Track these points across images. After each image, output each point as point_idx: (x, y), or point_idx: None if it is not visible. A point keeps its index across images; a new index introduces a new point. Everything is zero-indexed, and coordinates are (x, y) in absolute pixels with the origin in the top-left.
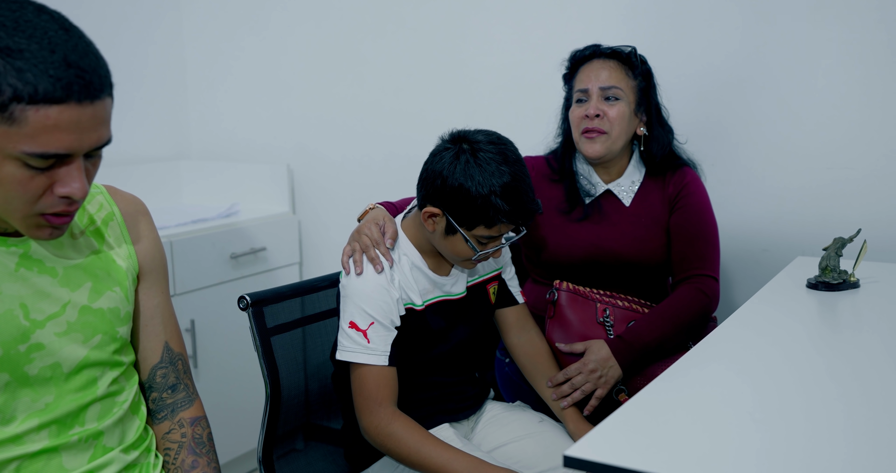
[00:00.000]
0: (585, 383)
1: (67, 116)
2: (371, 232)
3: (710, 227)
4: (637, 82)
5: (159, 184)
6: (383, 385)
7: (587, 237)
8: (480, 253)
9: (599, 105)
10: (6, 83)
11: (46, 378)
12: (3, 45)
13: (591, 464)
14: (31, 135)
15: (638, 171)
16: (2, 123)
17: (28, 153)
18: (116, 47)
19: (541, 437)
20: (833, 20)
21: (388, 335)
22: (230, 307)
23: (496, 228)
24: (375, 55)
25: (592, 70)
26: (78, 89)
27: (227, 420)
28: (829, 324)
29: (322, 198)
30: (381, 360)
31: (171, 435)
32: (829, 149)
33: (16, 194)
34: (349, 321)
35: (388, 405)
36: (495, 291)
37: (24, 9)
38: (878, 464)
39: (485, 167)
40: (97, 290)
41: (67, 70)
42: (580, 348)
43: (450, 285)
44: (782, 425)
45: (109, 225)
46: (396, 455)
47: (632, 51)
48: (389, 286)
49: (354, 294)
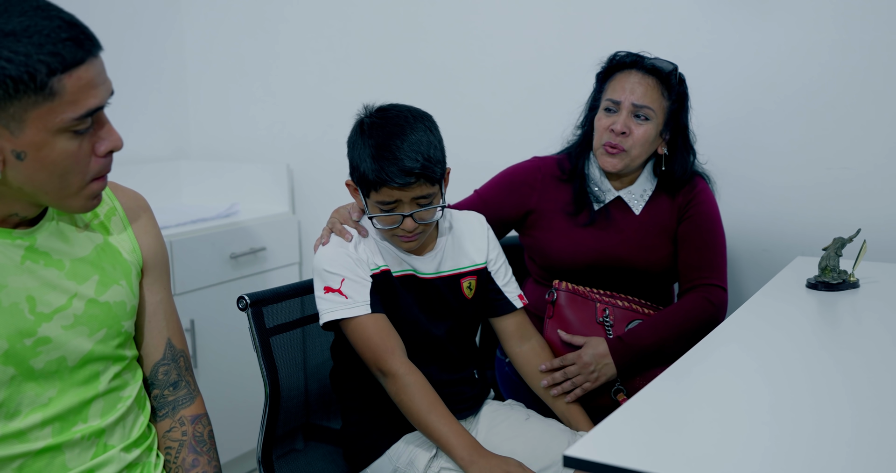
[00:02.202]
0: (577, 374)
1: (91, 71)
2: (338, 214)
3: (718, 237)
4: (669, 104)
5: (159, 184)
6: (385, 335)
7: (593, 243)
8: (380, 225)
9: (628, 122)
10: (37, 61)
11: (51, 372)
12: (9, 30)
13: (591, 464)
14: (72, 101)
15: (650, 181)
16: (45, 100)
17: (75, 118)
18: (117, 47)
19: (527, 437)
20: (833, 20)
21: (363, 287)
22: (230, 307)
23: (383, 191)
24: (375, 55)
25: (629, 82)
26: (88, 46)
27: (226, 420)
28: (828, 324)
29: (322, 198)
30: (364, 309)
31: (172, 433)
32: (829, 149)
33: (72, 168)
34: (323, 288)
35: (399, 354)
36: (471, 286)
37: None
38: (879, 464)
39: (367, 133)
40: (104, 283)
41: (72, 30)
42: (580, 340)
43: (419, 263)
44: (782, 424)
45: (112, 220)
46: (408, 408)
47: (672, 70)
48: (352, 251)
49: (320, 263)
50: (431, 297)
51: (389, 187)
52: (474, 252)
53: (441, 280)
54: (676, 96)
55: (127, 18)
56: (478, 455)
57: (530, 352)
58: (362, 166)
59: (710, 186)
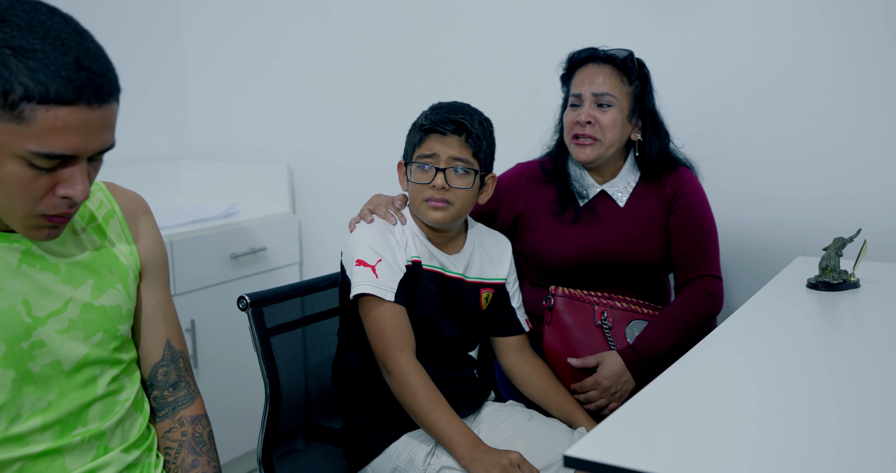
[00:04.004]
0: (600, 399)
1: (76, 118)
2: (380, 199)
3: (709, 226)
4: (632, 88)
5: (159, 184)
6: (400, 331)
7: (581, 239)
8: (415, 179)
9: (591, 111)
10: (17, 82)
11: (49, 376)
12: (17, 45)
13: (591, 464)
14: (39, 135)
15: (633, 173)
16: (10, 121)
17: (34, 153)
18: (117, 47)
19: (531, 437)
20: (833, 20)
21: (395, 275)
22: (230, 307)
23: (426, 144)
24: (375, 55)
25: (587, 75)
26: (88, 92)
27: (227, 420)
28: (829, 324)
29: (322, 198)
30: (389, 295)
31: (172, 434)
32: (830, 149)
33: (17, 194)
34: (356, 260)
35: (409, 352)
36: (488, 298)
37: (38, 10)
38: (880, 464)
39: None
40: (99, 287)
41: (79, 72)
42: (592, 362)
43: (447, 261)
44: (783, 425)
45: (110, 222)
46: (410, 407)
47: (627, 56)
48: (396, 235)
49: (362, 239)
50: (452, 297)
51: (434, 135)
52: (498, 267)
53: (464, 284)
54: (639, 79)
55: (127, 18)
56: (479, 451)
57: (524, 362)
58: (419, 119)
59: (694, 172)
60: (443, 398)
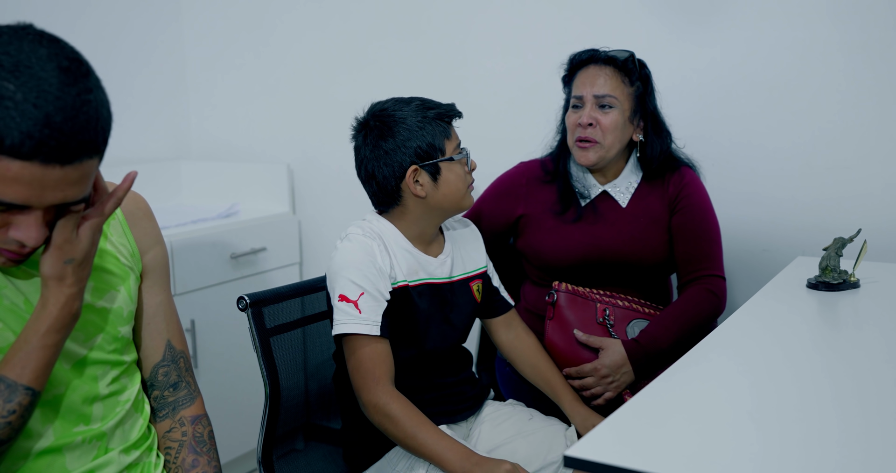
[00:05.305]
0: (596, 387)
1: (29, 173)
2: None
3: (712, 226)
4: (634, 89)
5: (159, 184)
6: (379, 362)
7: (583, 238)
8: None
9: (593, 113)
10: None
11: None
12: None
13: (591, 464)
14: None
15: (634, 174)
16: None
17: None
18: (117, 48)
19: (532, 437)
20: (833, 20)
21: (379, 306)
22: (230, 307)
23: (453, 136)
24: (376, 56)
25: (588, 76)
26: (47, 151)
27: (226, 420)
28: (829, 324)
29: (322, 198)
30: (373, 329)
31: (172, 434)
32: (830, 150)
33: None
34: (339, 295)
35: (386, 383)
36: (479, 289)
37: (36, 52)
38: (882, 464)
39: (401, 109)
40: (100, 289)
41: (42, 130)
42: (597, 342)
43: (435, 267)
44: (782, 425)
45: (111, 224)
46: (393, 435)
47: (628, 57)
48: (376, 255)
49: (342, 267)
50: (448, 302)
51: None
52: (477, 256)
53: (455, 285)
54: (640, 80)
55: (127, 18)
56: (471, 463)
57: (516, 339)
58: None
59: (696, 172)
60: (425, 419)
